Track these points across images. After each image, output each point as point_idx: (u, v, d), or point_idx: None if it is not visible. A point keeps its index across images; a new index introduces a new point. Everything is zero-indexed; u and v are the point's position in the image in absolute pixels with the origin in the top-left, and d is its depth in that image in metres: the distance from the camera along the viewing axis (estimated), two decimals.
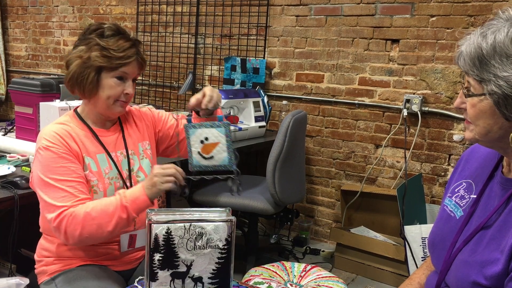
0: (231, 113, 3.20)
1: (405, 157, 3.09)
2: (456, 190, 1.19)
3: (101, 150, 1.51)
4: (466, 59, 0.97)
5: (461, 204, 1.14)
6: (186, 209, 1.21)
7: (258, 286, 1.78)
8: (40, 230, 1.59)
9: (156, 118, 1.72)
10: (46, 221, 1.51)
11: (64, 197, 1.37)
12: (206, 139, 1.35)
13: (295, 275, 1.94)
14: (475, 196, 1.12)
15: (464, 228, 1.10)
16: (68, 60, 1.49)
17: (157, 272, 1.09)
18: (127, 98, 1.52)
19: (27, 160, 2.08)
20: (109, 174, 1.50)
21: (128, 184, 1.54)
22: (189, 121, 1.42)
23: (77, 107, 1.58)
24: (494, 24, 0.94)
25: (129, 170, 1.56)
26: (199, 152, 1.35)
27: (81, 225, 1.34)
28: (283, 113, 3.44)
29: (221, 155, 1.32)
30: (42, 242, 1.58)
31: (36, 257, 1.58)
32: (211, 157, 1.34)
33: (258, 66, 3.58)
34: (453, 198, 1.18)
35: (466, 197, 1.14)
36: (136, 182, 1.57)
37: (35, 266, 1.58)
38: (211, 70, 3.91)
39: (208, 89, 1.46)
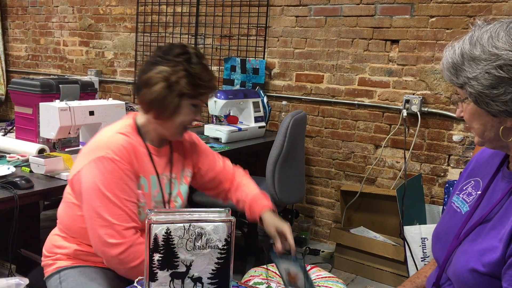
0: (231, 114, 3.20)
1: (405, 158, 3.09)
2: (464, 188, 1.24)
3: (153, 171, 1.50)
4: (445, 72, 1.08)
5: (468, 201, 1.19)
6: (185, 209, 1.21)
7: (257, 286, 1.78)
8: (61, 229, 1.55)
9: (201, 151, 1.70)
10: (72, 220, 1.49)
11: (119, 215, 1.36)
12: (289, 271, 1.45)
13: None
14: (480, 192, 1.17)
15: (468, 222, 1.13)
16: (149, 79, 1.43)
17: (157, 272, 1.09)
18: (191, 124, 1.54)
19: (27, 161, 2.08)
20: (156, 197, 1.50)
21: (167, 207, 1.54)
22: (271, 250, 1.49)
23: (136, 114, 1.54)
24: (463, 36, 1.07)
25: (170, 194, 1.55)
26: (287, 279, 1.47)
27: (141, 259, 1.34)
28: (283, 113, 3.44)
29: (301, 284, 1.44)
30: (57, 238, 1.55)
31: (45, 251, 1.56)
32: (296, 285, 1.47)
33: (257, 67, 3.58)
34: (460, 195, 1.23)
35: (473, 193, 1.19)
36: (173, 206, 1.56)
37: (42, 258, 1.57)
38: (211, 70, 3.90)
39: (288, 231, 1.51)
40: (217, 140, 3.02)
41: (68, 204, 1.51)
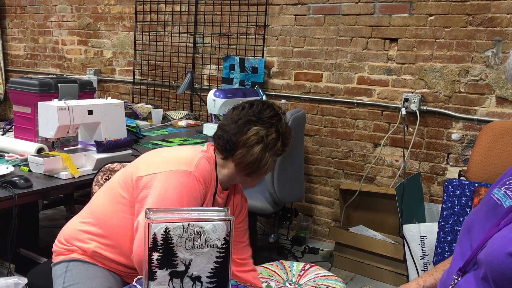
0: None
1: (404, 156, 3.09)
2: (507, 183, 1.22)
3: (211, 205, 1.53)
4: (510, 72, 1.07)
5: None
6: (184, 208, 1.21)
7: None
8: (90, 221, 1.53)
9: (245, 215, 1.73)
10: (110, 215, 1.48)
11: None
12: None
13: (294, 274, 1.94)
14: None
15: (509, 213, 1.11)
16: (247, 139, 1.47)
17: (156, 272, 1.09)
18: None
19: (26, 160, 2.07)
20: None
21: None
22: None
23: (214, 148, 1.55)
24: None
25: None
26: None
27: None
28: None
29: None
30: (80, 232, 1.54)
31: (63, 239, 1.56)
32: None
33: (256, 65, 3.58)
34: (502, 189, 1.21)
35: None
36: None
37: (56, 243, 1.56)
38: (210, 69, 3.91)
39: None
40: None
41: (115, 200, 1.50)
